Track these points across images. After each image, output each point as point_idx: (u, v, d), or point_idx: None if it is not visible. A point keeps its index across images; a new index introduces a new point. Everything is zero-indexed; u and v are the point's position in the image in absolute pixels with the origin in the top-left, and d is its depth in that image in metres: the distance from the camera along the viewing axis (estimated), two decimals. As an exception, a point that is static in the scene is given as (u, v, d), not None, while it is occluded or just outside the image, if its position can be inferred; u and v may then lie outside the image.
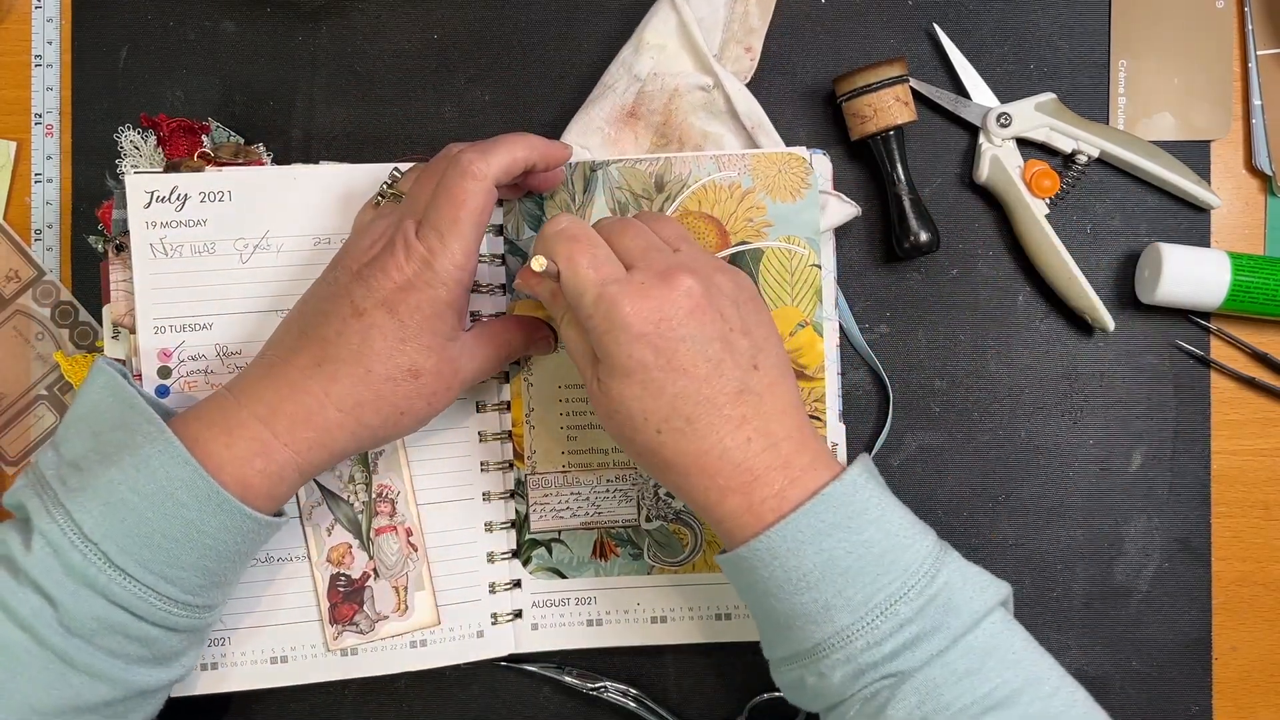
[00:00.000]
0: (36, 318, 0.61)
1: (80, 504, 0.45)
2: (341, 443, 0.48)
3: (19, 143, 0.61)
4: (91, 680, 0.46)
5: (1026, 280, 0.61)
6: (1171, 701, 0.61)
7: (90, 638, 0.45)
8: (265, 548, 0.56)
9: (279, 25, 0.62)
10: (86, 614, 0.45)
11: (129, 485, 0.45)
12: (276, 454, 0.47)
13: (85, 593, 0.45)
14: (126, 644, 0.46)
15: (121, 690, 0.47)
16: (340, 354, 0.48)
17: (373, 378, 0.48)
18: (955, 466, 0.61)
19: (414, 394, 0.49)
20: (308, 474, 0.49)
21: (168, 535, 0.46)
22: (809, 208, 0.58)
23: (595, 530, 0.58)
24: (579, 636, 0.59)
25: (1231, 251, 0.59)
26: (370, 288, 0.48)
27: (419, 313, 0.48)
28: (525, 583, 0.59)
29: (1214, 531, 0.61)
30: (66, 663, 0.45)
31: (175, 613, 0.47)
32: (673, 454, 0.46)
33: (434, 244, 0.48)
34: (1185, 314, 0.61)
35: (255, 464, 0.47)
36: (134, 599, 0.45)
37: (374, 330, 0.48)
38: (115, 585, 0.45)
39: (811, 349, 0.58)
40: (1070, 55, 0.61)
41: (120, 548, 0.45)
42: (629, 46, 0.58)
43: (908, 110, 0.58)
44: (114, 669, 0.46)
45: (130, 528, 0.45)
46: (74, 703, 0.45)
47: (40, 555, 0.45)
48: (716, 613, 0.59)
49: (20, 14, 0.62)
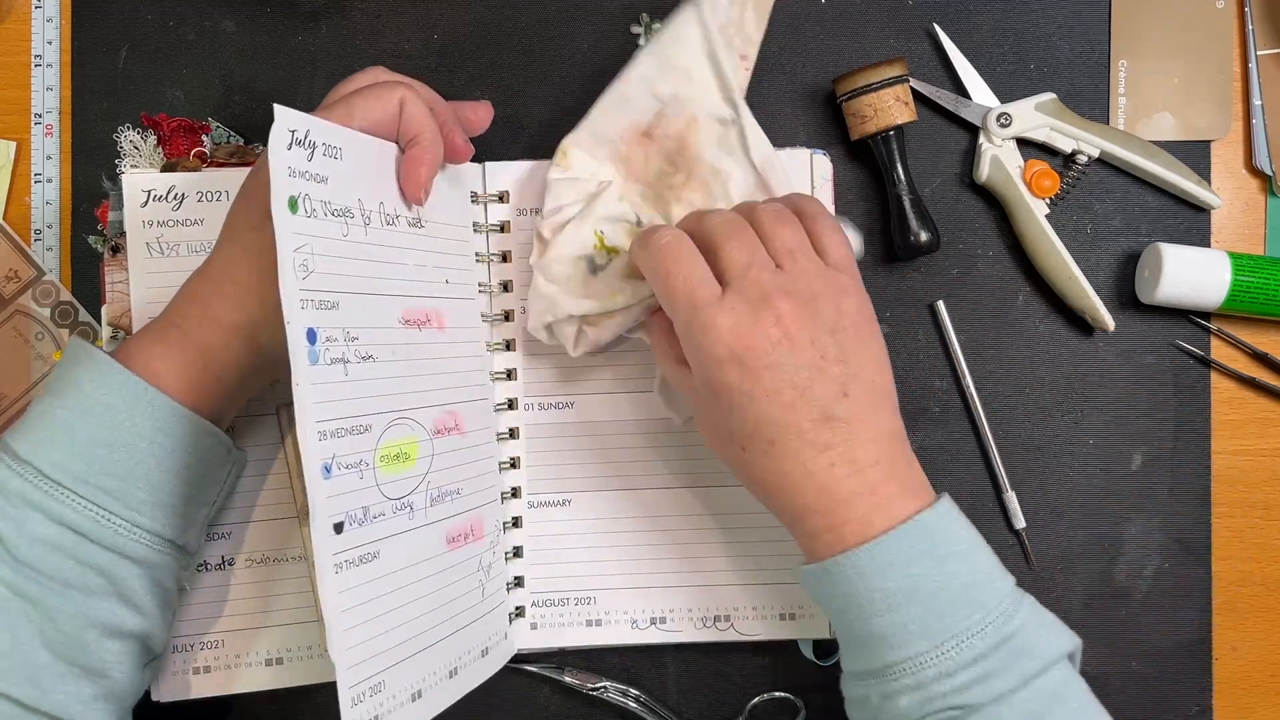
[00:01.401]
0: (36, 318, 0.61)
1: (16, 434, 0.45)
2: (220, 310, 0.48)
3: (19, 143, 0.61)
4: (51, 616, 0.44)
5: (1026, 280, 0.61)
6: (1171, 701, 0.61)
7: (38, 563, 0.44)
8: (260, 548, 0.56)
9: (279, 25, 0.62)
10: (30, 537, 0.44)
11: (60, 404, 0.45)
12: (170, 336, 0.47)
13: (25, 512, 0.44)
14: (82, 572, 0.45)
15: (81, 622, 0.45)
16: (225, 235, 0.50)
17: (233, 235, 0.49)
18: (955, 466, 0.61)
19: (265, 245, 0.48)
20: (208, 358, 0.48)
21: (99, 441, 0.45)
22: None
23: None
24: (578, 636, 0.59)
25: (1232, 251, 0.59)
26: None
27: (258, 189, 0.48)
28: (527, 582, 0.59)
29: (1214, 531, 0.61)
30: (20, 596, 0.44)
31: (123, 532, 0.46)
32: (758, 472, 0.47)
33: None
34: (1185, 314, 0.61)
35: (155, 350, 0.47)
36: (75, 514, 0.45)
37: (240, 198, 0.49)
38: (53, 500, 0.44)
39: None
40: (1070, 55, 0.61)
41: (53, 462, 0.45)
42: (651, 60, 0.55)
43: (908, 110, 0.58)
44: (70, 600, 0.45)
45: (62, 442, 0.45)
46: (43, 641, 0.44)
47: None
48: (717, 614, 0.59)
49: (20, 14, 0.62)
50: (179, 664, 0.55)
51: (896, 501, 0.46)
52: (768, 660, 0.60)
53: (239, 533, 0.56)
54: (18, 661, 0.44)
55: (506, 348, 0.58)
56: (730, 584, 0.58)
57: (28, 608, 0.44)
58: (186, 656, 0.55)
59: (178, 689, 0.55)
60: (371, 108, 0.49)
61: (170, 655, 0.55)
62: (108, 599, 0.46)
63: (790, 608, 0.58)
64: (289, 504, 0.56)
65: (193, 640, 0.55)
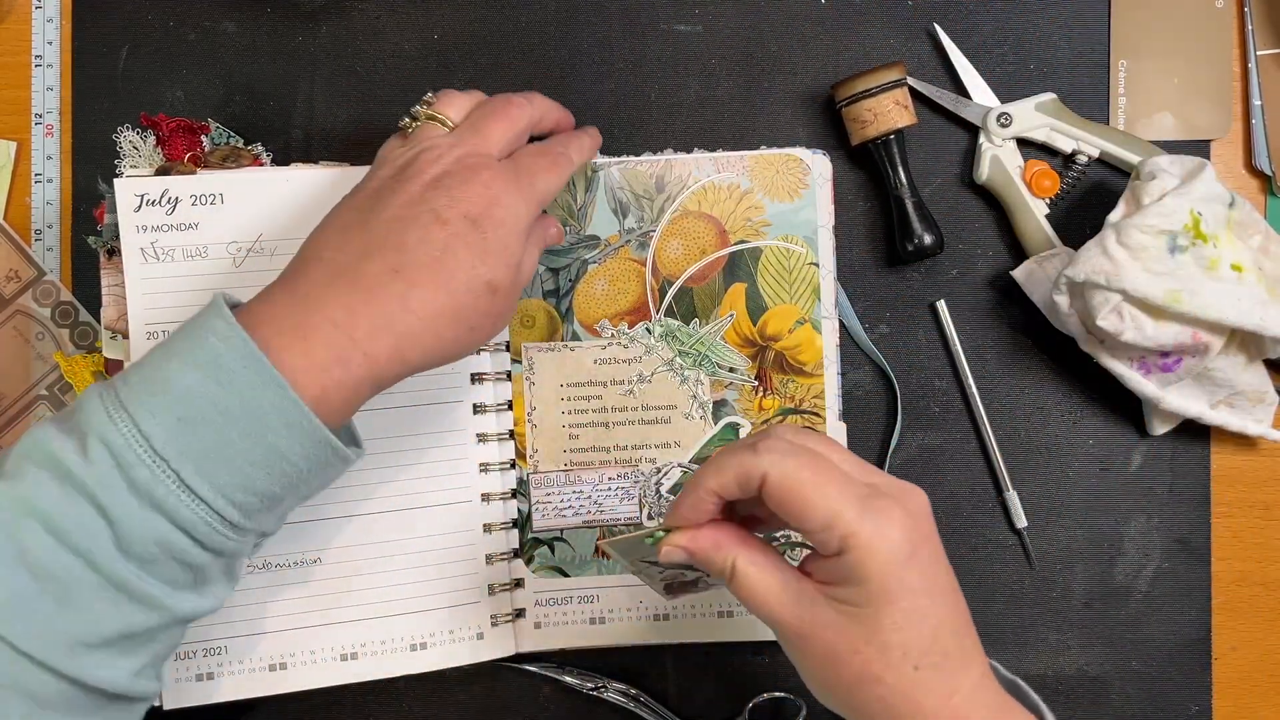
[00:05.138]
0: (36, 318, 0.61)
1: (150, 411, 0.41)
2: (416, 355, 0.45)
3: (19, 143, 0.61)
4: (143, 609, 0.42)
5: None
6: (1171, 701, 0.61)
7: (148, 562, 0.42)
8: (264, 555, 0.56)
9: (279, 25, 0.62)
10: (148, 537, 0.41)
11: (209, 403, 0.41)
12: (355, 364, 0.43)
13: (149, 513, 0.41)
14: (178, 570, 0.43)
15: (166, 618, 0.43)
16: (421, 260, 0.45)
17: (454, 287, 0.45)
18: (955, 466, 0.61)
19: (487, 310, 0.47)
20: (378, 388, 0.45)
21: (249, 459, 0.42)
22: (806, 207, 0.58)
23: (597, 528, 0.58)
24: (582, 635, 0.59)
25: (1232, 251, 0.59)
26: (454, 198, 0.46)
27: (502, 228, 0.47)
28: (528, 581, 0.59)
29: (1214, 531, 0.61)
30: (123, 591, 0.41)
31: (230, 537, 0.43)
32: (930, 699, 0.41)
33: (522, 174, 0.48)
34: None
35: (334, 373, 0.43)
36: (199, 524, 0.42)
37: (458, 240, 0.45)
38: (184, 509, 0.41)
39: (810, 345, 0.58)
40: (1070, 55, 0.61)
41: (196, 469, 0.41)
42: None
43: (907, 114, 0.58)
44: (164, 596, 0.42)
45: (209, 448, 0.41)
46: (122, 631, 0.42)
47: (100, 466, 0.41)
48: (719, 610, 0.59)
49: (20, 14, 0.62)
50: (182, 671, 0.55)
51: (1014, 710, 0.43)
52: (768, 660, 0.60)
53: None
54: (73, 640, 0.41)
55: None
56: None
57: (121, 599, 0.42)
58: (190, 663, 0.55)
59: (181, 696, 0.55)
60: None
61: (173, 663, 0.55)
62: (189, 591, 0.44)
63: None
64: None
65: (196, 647, 0.55)
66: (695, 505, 0.44)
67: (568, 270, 0.58)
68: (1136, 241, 0.52)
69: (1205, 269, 0.53)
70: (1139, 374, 0.57)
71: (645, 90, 0.61)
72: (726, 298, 0.59)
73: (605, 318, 0.59)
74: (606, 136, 0.60)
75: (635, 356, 0.59)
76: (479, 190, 0.47)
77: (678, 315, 0.59)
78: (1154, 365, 0.56)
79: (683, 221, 0.59)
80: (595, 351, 0.59)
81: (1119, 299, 0.53)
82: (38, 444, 0.42)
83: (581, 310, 0.59)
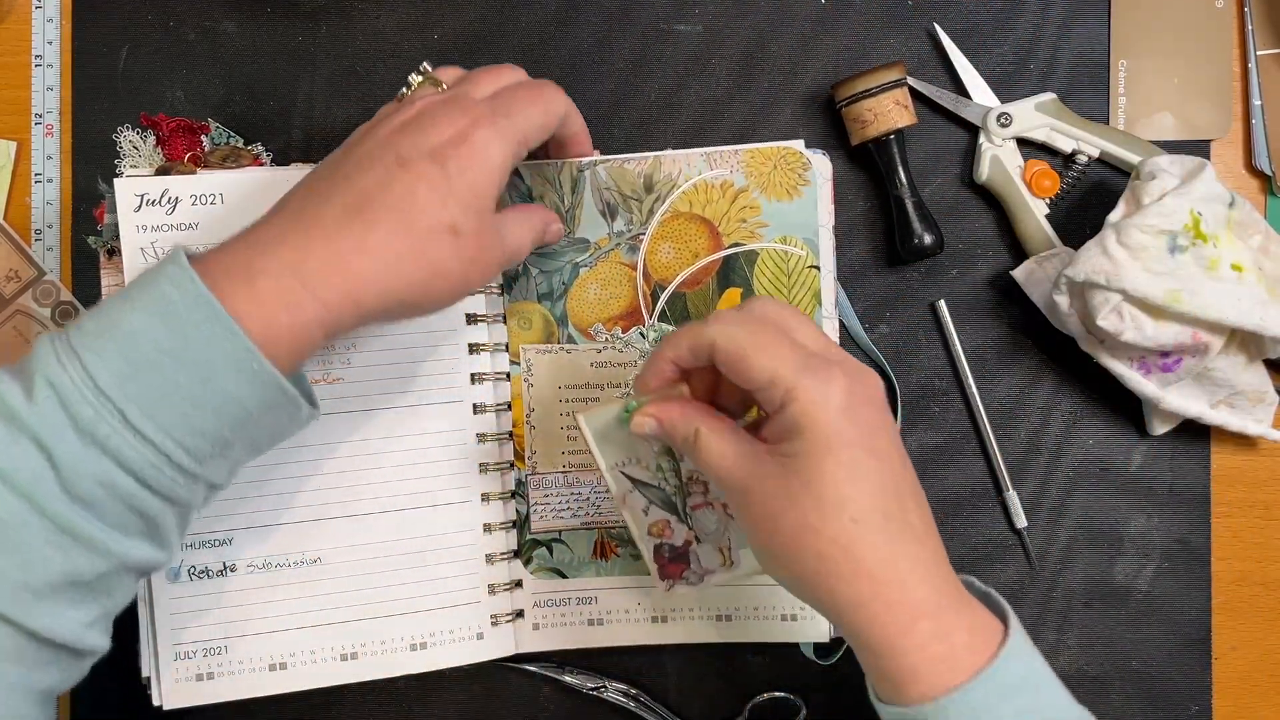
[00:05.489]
0: (36, 318, 0.61)
1: (96, 352, 0.41)
2: (372, 299, 0.44)
3: (19, 143, 0.61)
4: (90, 553, 0.42)
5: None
6: (1171, 701, 0.61)
7: (92, 504, 0.41)
8: (262, 554, 0.56)
9: (279, 25, 0.62)
10: (91, 477, 0.41)
11: (155, 344, 0.41)
12: (305, 306, 0.43)
13: (93, 453, 0.40)
14: (127, 515, 0.42)
15: (114, 563, 0.43)
16: (381, 200, 0.45)
17: (414, 229, 0.45)
18: (955, 466, 0.61)
19: (452, 254, 0.46)
20: (331, 333, 0.44)
21: (195, 400, 0.41)
22: (806, 206, 0.57)
23: (596, 530, 0.58)
24: (581, 636, 0.59)
25: (1232, 251, 0.59)
26: (417, 141, 0.46)
27: (467, 171, 0.46)
28: (526, 583, 0.59)
29: (1214, 531, 0.61)
30: (67, 533, 0.41)
31: (180, 483, 0.43)
32: (869, 554, 0.42)
33: (498, 109, 0.47)
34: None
35: (281, 318, 0.43)
36: (145, 465, 0.41)
37: (420, 182, 0.45)
38: (128, 448, 0.41)
39: (811, 349, 0.58)
40: (1070, 55, 0.61)
41: (141, 409, 0.41)
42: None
43: (907, 114, 0.58)
44: (111, 541, 0.42)
45: (154, 388, 0.41)
46: (69, 576, 0.42)
47: (45, 406, 0.40)
48: (718, 613, 0.59)
49: (20, 14, 0.62)
50: (182, 671, 0.55)
51: (985, 617, 0.44)
52: (768, 660, 0.60)
53: (241, 539, 0.56)
54: (20, 586, 0.41)
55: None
56: (734, 584, 0.58)
57: (67, 543, 0.41)
58: (189, 663, 0.55)
59: (181, 696, 0.55)
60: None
61: (172, 663, 0.55)
62: (141, 539, 0.43)
63: (791, 609, 0.58)
64: (289, 509, 0.56)
65: (196, 647, 0.55)
66: (656, 373, 0.48)
67: (560, 273, 0.58)
68: (1136, 241, 0.52)
69: (1205, 269, 0.53)
70: (1139, 374, 0.57)
71: (645, 90, 0.61)
72: (722, 303, 0.58)
73: (599, 322, 0.58)
74: (606, 137, 0.60)
75: (631, 360, 0.58)
76: (445, 127, 0.46)
77: (671, 320, 0.58)
78: (1154, 365, 0.56)
79: (673, 224, 0.58)
80: (592, 354, 0.58)
81: (1119, 299, 0.53)
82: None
83: (575, 314, 0.58)
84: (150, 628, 0.55)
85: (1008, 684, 0.42)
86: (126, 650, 0.57)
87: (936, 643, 0.42)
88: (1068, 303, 0.55)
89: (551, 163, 0.57)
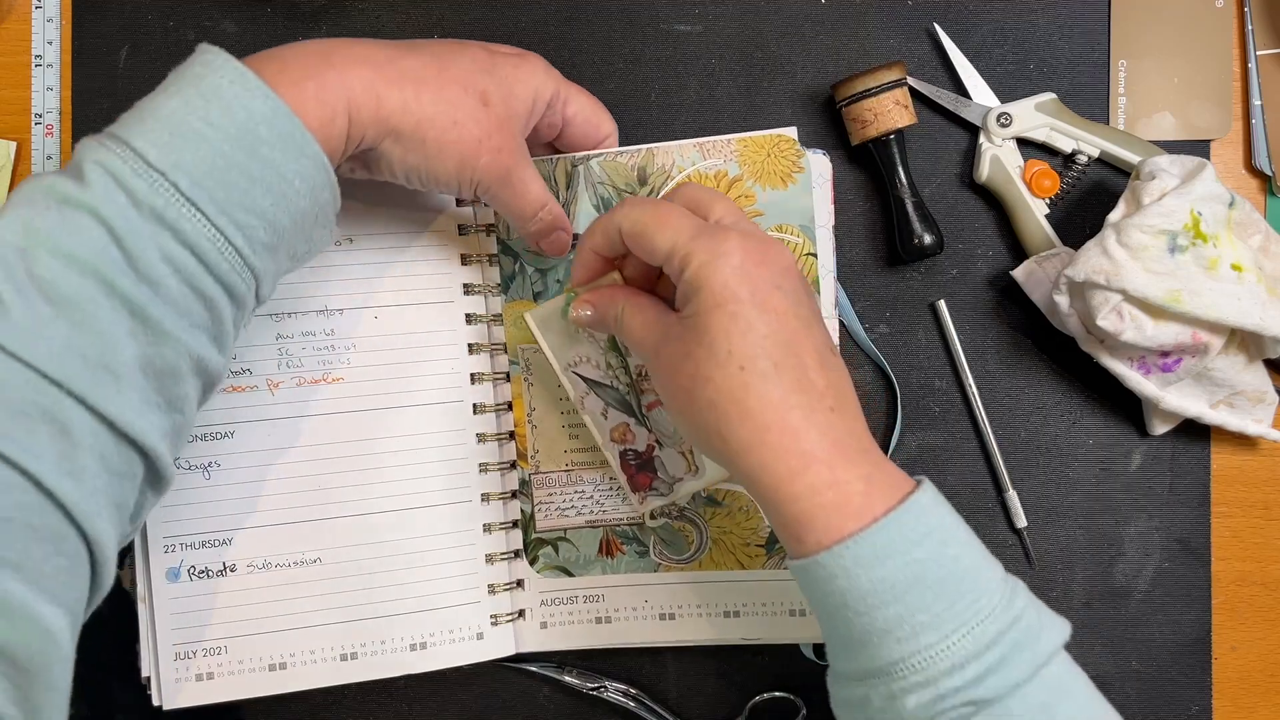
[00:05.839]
0: (37, 318, 0.61)
1: (142, 133, 0.41)
2: (392, 106, 0.46)
3: (19, 143, 0.61)
4: (159, 341, 0.41)
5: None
6: (1171, 701, 0.61)
7: (158, 284, 0.41)
8: (261, 554, 0.56)
9: (279, 25, 0.62)
10: (155, 252, 0.41)
11: (200, 116, 0.41)
12: (332, 86, 0.44)
13: (152, 226, 0.40)
14: (190, 300, 0.42)
15: (183, 354, 0.42)
16: (428, 48, 0.49)
17: (449, 72, 0.48)
18: (955, 466, 0.61)
19: (475, 114, 0.48)
20: (352, 134, 0.45)
21: (245, 173, 0.42)
22: (802, 194, 0.57)
23: (601, 528, 0.58)
24: (588, 634, 0.59)
25: (1232, 251, 0.59)
26: (470, 44, 0.51)
27: (513, 74, 0.51)
28: (533, 582, 0.59)
29: (1214, 531, 0.61)
30: (137, 316, 0.41)
31: (239, 269, 0.43)
32: (756, 400, 0.43)
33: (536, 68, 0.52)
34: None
35: (308, 87, 0.44)
36: (204, 241, 0.41)
37: (468, 53, 0.50)
38: (185, 221, 0.41)
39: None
40: (1070, 55, 0.61)
41: (193, 180, 0.41)
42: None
43: (908, 114, 0.58)
44: (180, 329, 0.42)
45: (203, 160, 0.41)
46: (142, 362, 0.41)
47: (99, 186, 0.40)
48: (725, 609, 0.59)
49: (20, 14, 0.62)
50: (182, 671, 0.55)
51: (890, 473, 0.44)
52: (768, 660, 0.60)
53: (240, 539, 0.56)
54: (98, 365, 0.40)
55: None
56: (741, 580, 0.58)
57: (136, 327, 0.41)
58: (189, 663, 0.55)
59: (181, 696, 0.55)
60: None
61: (174, 663, 0.55)
62: (204, 334, 0.43)
63: (799, 604, 0.58)
64: (289, 509, 0.56)
65: (195, 647, 0.55)
66: (582, 265, 0.52)
67: (555, 271, 0.58)
68: (1136, 241, 0.52)
69: (1205, 269, 0.53)
70: (1139, 374, 0.57)
71: (645, 90, 0.61)
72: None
73: None
74: (607, 136, 0.60)
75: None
76: (506, 51, 0.53)
77: None
78: (1154, 365, 0.56)
79: None
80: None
81: (1119, 299, 0.53)
82: (31, 185, 0.41)
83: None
84: (150, 627, 0.55)
85: (908, 536, 0.42)
86: (126, 650, 0.57)
87: (829, 490, 0.42)
88: (1068, 303, 0.55)
89: (546, 159, 0.57)
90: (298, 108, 0.43)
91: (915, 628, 0.41)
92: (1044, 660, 0.42)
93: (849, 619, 0.42)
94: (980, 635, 0.41)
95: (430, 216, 0.58)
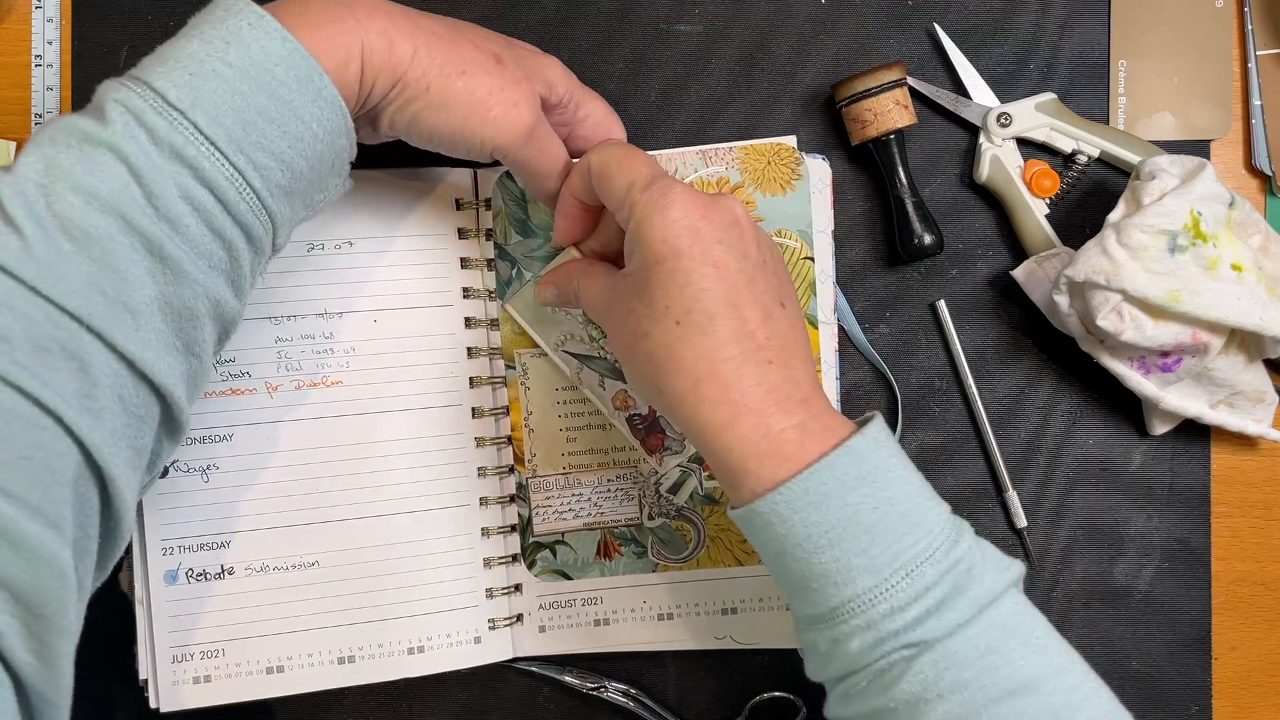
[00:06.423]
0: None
1: (163, 74, 0.41)
2: (399, 55, 0.46)
3: (19, 143, 0.61)
4: (177, 280, 0.42)
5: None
6: (1171, 701, 0.61)
7: (177, 223, 0.41)
8: (259, 556, 0.56)
9: (278, 25, 0.61)
10: (174, 190, 0.41)
11: (219, 57, 0.42)
12: (348, 28, 0.44)
13: (171, 164, 0.41)
14: (208, 240, 0.42)
15: (200, 295, 0.42)
16: (441, 18, 0.49)
17: (462, 34, 0.48)
18: (955, 466, 0.61)
19: (488, 70, 0.48)
20: (365, 78, 0.45)
21: (263, 114, 0.42)
22: (800, 200, 0.58)
23: (599, 530, 0.58)
24: (587, 637, 0.59)
25: (1232, 252, 0.59)
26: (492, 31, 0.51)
27: (528, 54, 0.52)
28: (531, 585, 0.59)
29: (1214, 531, 0.61)
30: (155, 255, 0.41)
31: (256, 210, 0.43)
32: (690, 353, 0.44)
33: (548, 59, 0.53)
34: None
35: (326, 31, 0.44)
36: (222, 179, 0.42)
37: (485, 30, 0.50)
38: (205, 160, 0.41)
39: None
40: (1070, 55, 0.61)
41: (211, 118, 0.41)
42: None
43: (908, 114, 0.58)
44: (198, 269, 0.42)
45: (222, 99, 0.41)
46: (161, 301, 0.42)
47: (119, 124, 0.41)
48: (723, 607, 0.59)
49: (20, 14, 0.62)
50: (180, 673, 0.55)
51: (828, 418, 0.44)
52: (768, 660, 0.60)
53: (238, 541, 0.56)
54: (117, 302, 0.40)
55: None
56: (738, 577, 0.58)
57: (155, 266, 0.41)
58: (187, 665, 0.55)
59: (179, 699, 0.55)
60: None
61: (171, 666, 0.55)
62: (221, 277, 0.44)
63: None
64: (287, 512, 0.56)
65: (192, 650, 0.55)
66: (563, 213, 0.52)
67: None
68: (1136, 241, 0.52)
69: (1205, 269, 0.53)
70: (1139, 374, 0.57)
71: (645, 90, 0.61)
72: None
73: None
74: (606, 137, 0.60)
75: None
76: (528, 45, 0.53)
77: None
78: (1154, 365, 0.56)
79: None
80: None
81: (1119, 299, 0.53)
82: (54, 124, 0.42)
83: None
84: (148, 630, 0.55)
85: (842, 480, 0.42)
86: (124, 652, 0.57)
87: (762, 439, 0.43)
88: (1068, 303, 0.55)
89: None
90: (315, 51, 0.43)
91: (853, 572, 0.42)
92: (986, 602, 0.42)
93: (789, 566, 0.43)
94: (919, 578, 0.42)
95: (430, 220, 0.58)
